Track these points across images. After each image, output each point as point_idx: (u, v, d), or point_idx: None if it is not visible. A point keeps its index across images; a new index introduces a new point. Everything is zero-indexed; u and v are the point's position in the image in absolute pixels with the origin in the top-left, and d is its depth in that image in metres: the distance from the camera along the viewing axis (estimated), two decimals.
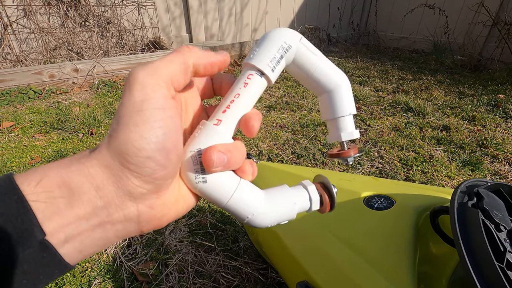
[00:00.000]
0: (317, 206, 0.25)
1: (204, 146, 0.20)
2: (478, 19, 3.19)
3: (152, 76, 0.18)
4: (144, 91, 0.17)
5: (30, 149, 1.52)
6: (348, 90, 0.25)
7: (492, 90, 2.33)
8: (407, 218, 0.50)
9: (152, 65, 0.18)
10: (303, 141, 1.61)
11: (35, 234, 0.15)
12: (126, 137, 0.17)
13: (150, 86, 0.18)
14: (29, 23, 2.42)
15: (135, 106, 0.17)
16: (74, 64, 2.29)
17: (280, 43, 0.22)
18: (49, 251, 0.15)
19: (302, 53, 0.23)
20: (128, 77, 0.18)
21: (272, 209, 0.23)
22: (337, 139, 0.26)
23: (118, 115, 0.18)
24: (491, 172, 1.35)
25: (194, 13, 3.17)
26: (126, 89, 0.18)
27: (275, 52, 0.22)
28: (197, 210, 1.14)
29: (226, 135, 0.21)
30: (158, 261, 0.93)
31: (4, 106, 1.98)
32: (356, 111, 0.26)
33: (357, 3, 4.44)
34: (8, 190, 0.15)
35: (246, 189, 0.22)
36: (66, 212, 0.16)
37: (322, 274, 0.48)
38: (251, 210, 0.22)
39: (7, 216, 0.14)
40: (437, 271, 0.46)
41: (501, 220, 0.39)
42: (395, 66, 3.13)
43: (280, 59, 0.22)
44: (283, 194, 0.24)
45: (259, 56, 0.22)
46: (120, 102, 0.18)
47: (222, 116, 0.22)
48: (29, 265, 0.15)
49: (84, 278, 0.88)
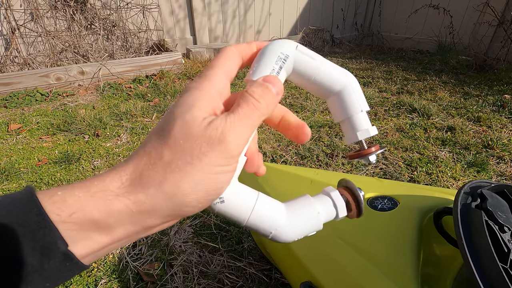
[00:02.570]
0: (344, 213, 0.24)
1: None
2: (483, 19, 3.17)
3: (242, 144, 0.18)
4: (231, 157, 0.18)
5: (37, 151, 1.54)
6: (355, 88, 0.25)
7: (498, 90, 2.30)
8: (411, 219, 0.50)
9: (241, 130, 0.18)
10: (307, 142, 1.61)
11: (58, 246, 0.15)
12: (193, 192, 0.17)
13: (237, 154, 0.18)
14: (36, 27, 2.46)
15: (215, 168, 0.18)
16: (80, 66, 2.32)
17: (277, 54, 0.22)
18: (71, 260, 0.16)
19: (300, 60, 0.23)
20: (222, 135, 0.17)
21: (296, 221, 0.23)
22: (354, 140, 0.25)
23: (192, 164, 0.17)
24: (496, 173, 1.34)
25: (198, 16, 3.19)
26: (213, 142, 0.17)
27: (273, 64, 0.22)
28: (201, 211, 1.15)
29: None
30: (163, 262, 0.94)
31: (12, 108, 2.01)
32: (369, 107, 0.25)
33: (361, 4, 4.43)
34: (28, 203, 0.16)
35: (265, 203, 0.22)
36: (94, 239, 0.17)
37: (325, 275, 0.49)
38: (273, 224, 0.22)
39: (29, 229, 0.15)
40: (441, 272, 0.46)
41: (505, 221, 0.39)
42: (399, 66, 3.12)
43: (279, 70, 0.22)
44: (305, 205, 0.24)
45: (258, 71, 0.22)
46: (195, 140, 0.17)
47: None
48: (52, 273, 0.16)
49: (91, 278, 0.89)
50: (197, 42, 3.32)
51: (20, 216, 0.15)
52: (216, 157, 0.17)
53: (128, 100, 2.17)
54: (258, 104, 0.19)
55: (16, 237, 0.15)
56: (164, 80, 2.51)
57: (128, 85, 2.41)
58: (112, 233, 0.17)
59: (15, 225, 0.15)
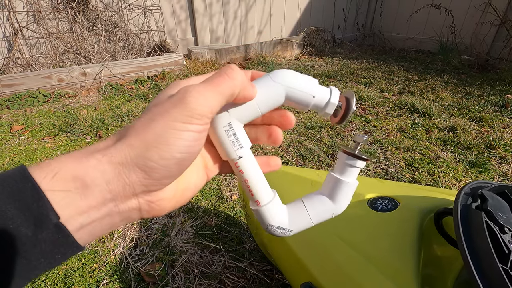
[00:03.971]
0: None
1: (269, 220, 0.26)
2: (485, 18, 3.16)
3: (204, 105, 0.19)
4: (191, 116, 0.19)
5: (40, 152, 1.55)
6: (294, 86, 0.24)
7: (500, 90, 2.29)
8: (412, 220, 0.50)
9: (207, 93, 0.19)
10: (308, 143, 1.61)
11: (50, 218, 0.16)
12: (154, 145, 0.18)
13: (198, 114, 0.19)
14: (38, 28, 2.48)
15: (176, 124, 0.19)
16: (82, 68, 2.33)
17: (225, 128, 0.24)
18: (63, 233, 0.17)
19: (240, 112, 0.24)
20: (184, 94, 0.19)
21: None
22: (329, 115, 0.26)
23: (156, 121, 0.19)
24: (499, 174, 1.34)
25: (200, 16, 3.20)
26: (176, 105, 0.19)
27: (228, 141, 0.24)
28: (202, 212, 1.15)
29: (274, 202, 0.26)
30: (165, 262, 0.94)
31: (14, 109, 2.02)
32: (317, 88, 0.25)
33: (362, 4, 4.42)
34: (22, 179, 0.16)
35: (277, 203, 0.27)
36: (80, 202, 0.17)
37: (326, 275, 0.49)
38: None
39: (24, 202, 0.16)
40: (442, 273, 0.45)
41: (506, 222, 0.39)
42: (401, 66, 3.11)
43: (234, 138, 0.24)
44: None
45: (225, 152, 0.24)
46: (162, 106, 0.19)
47: (255, 197, 0.25)
48: (46, 245, 0.16)
49: (92, 279, 0.89)
50: (199, 43, 3.33)
51: (16, 192, 0.16)
52: (176, 113, 0.19)
53: (129, 101, 2.18)
54: (231, 74, 0.21)
55: (12, 210, 0.15)
56: (165, 81, 2.52)
57: (130, 86, 2.42)
58: (89, 196, 0.18)
59: (11, 200, 0.16)
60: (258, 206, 0.26)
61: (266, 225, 0.26)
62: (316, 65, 3.19)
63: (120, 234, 1.06)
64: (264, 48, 3.46)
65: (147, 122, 0.19)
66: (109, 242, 1.02)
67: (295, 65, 3.17)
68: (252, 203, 0.26)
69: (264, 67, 2.98)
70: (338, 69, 2.96)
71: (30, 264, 0.16)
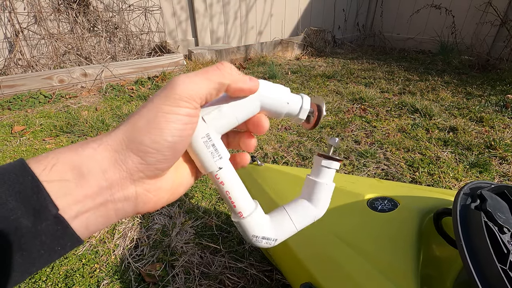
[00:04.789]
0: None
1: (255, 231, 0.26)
2: (486, 18, 3.15)
3: (191, 89, 0.20)
4: (179, 99, 0.20)
5: (41, 152, 1.55)
6: (267, 96, 0.25)
7: (500, 90, 2.29)
8: (411, 220, 0.50)
9: (195, 78, 0.21)
10: (308, 143, 1.61)
11: (49, 209, 0.17)
12: (146, 129, 0.19)
13: (186, 97, 0.20)
14: (39, 29, 2.49)
15: (164, 107, 0.20)
16: (83, 68, 2.34)
17: (203, 140, 0.24)
18: (62, 224, 0.17)
19: (216, 122, 0.24)
20: (172, 81, 0.20)
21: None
22: (302, 120, 0.27)
23: (148, 107, 0.20)
24: (499, 174, 1.33)
25: (200, 17, 3.21)
26: (165, 91, 0.20)
27: (207, 152, 0.23)
28: (203, 212, 1.15)
29: (258, 211, 0.26)
30: (165, 263, 0.94)
31: (15, 110, 2.03)
32: (288, 95, 0.26)
33: (363, 4, 4.43)
34: (22, 172, 0.17)
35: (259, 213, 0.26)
36: (76, 191, 0.18)
37: (325, 276, 0.49)
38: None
39: (24, 194, 0.16)
40: (441, 274, 0.46)
41: (505, 222, 0.39)
42: (401, 67, 3.11)
43: (213, 149, 0.24)
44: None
45: (204, 164, 0.24)
46: (155, 95, 0.20)
47: (237, 209, 0.25)
48: (46, 237, 0.17)
49: (93, 279, 0.89)
50: (199, 44, 3.34)
51: (16, 184, 0.16)
52: (166, 97, 0.20)
53: (130, 102, 2.18)
54: (220, 66, 0.22)
55: (12, 202, 0.16)
56: (166, 81, 2.52)
57: (131, 87, 2.43)
58: (85, 185, 0.18)
59: (11, 192, 0.16)
60: (241, 218, 0.25)
61: (251, 237, 0.26)
62: (317, 65, 3.20)
63: (121, 235, 1.06)
64: (264, 48, 3.46)
65: (139, 110, 0.20)
66: (110, 243, 1.03)
67: (295, 66, 3.18)
68: (235, 215, 0.26)
69: (264, 67, 2.99)
70: (339, 70, 2.96)
71: (30, 256, 0.16)
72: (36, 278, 0.89)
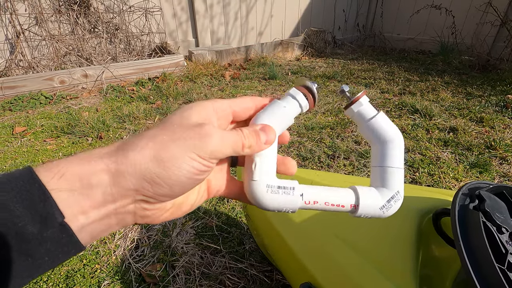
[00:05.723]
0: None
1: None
2: (486, 19, 3.16)
3: (219, 150, 0.22)
4: (208, 154, 0.21)
5: (42, 153, 1.56)
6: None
7: (501, 90, 2.29)
8: (410, 220, 0.50)
9: (225, 142, 0.22)
10: (309, 143, 1.61)
11: (55, 217, 0.17)
12: (166, 165, 0.20)
13: (215, 155, 0.21)
14: (40, 31, 2.49)
15: (192, 154, 0.20)
16: (84, 70, 2.35)
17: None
18: (67, 232, 0.18)
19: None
20: (208, 132, 0.21)
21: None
22: (305, 108, 0.28)
23: (175, 143, 0.20)
24: (499, 174, 1.34)
25: (201, 18, 3.21)
26: (198, 138, 0.21)
27: (282, 198, 0.26)
28: (203, 212, 1.15)
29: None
30: (165, 263, 0.95)
31: (16, 111, 2.03)
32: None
33: (363, 5, 4.43)
34: (29, 179, 0.17)
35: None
36: (82, 202, 0.18)
37: (325, 276, 0.49)
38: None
39: (31, 202, 0.17)
40: (440, 274, 0.46)
41: (503, 222, 0.39)
42: (402, 67, 3.11)
43: (281, 190, 0.26)
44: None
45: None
46: (185, 130, 0.21)
47: (346, 208, 0.27)
48: (51, 244, 0.17)
49: (94, 279, 0.90)
50: (199, 44, 3.34)
51: (23, 192, 0.17)
52: (195, 144, 0.20)
53: (131, 103, 2.19)
54: (244, 140, 0.23)
55: (20, 209, 0.16)
56: (166, 82, 2.53)
57: (131, 88, 2.43)
58: (92, 197, 0.19)
59: (19, 199, 0.16)
60: (357, 210, 0.26)
61: (384, 210, 0.28)
62: (317, 66, 3.20)
63: (122, 235, 1.06)
64: (264, 49, 3.47)
65: (166, 140, 0.20)
66: (111, 243, 1.03)
67: (295, 66, 3.18)
68: (351, 213, 0.27)
69: (264, 68, 2.99)
70: (339, 70, 2.96)
71: (34, 262, 0.17)
72: (37, 279, 0.89)
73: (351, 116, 0.30)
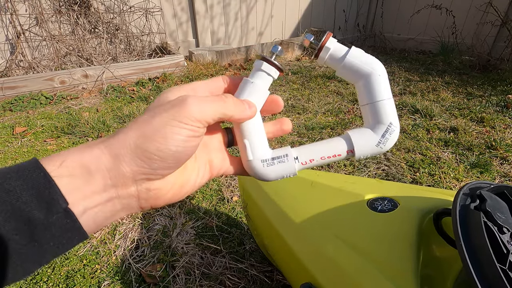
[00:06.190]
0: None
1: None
2: (486, 19, 3.15)
3: (200, 113, 0.22)
4: (188, 119, 0.21)
5: (42, 154, 1.56)
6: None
7: (501, 90, 2.29)
8: (411, 220, 0.50)
9: (204, 104, 0.22)
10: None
11: (60, 203, 0.18)
12: (153, 138, 0.21)
13: (195, 118, 0.22)
14: (41, 31, 2.50)
15: (173, 122, 0.21)
16: (84, 70, 2.35)
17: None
18: (71, 218, 0.19)
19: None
20: (184, 99, 0.22)
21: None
22: (274, 76, 0.28)
23: (157, 118, 0.21)
24: (500, 174, 1.33)
25: (201, 18, 3.21)
26: (176, 108, 0.21)
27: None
28: (203, 213, 1.15)
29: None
30: (166, 263, 0.95)
31: (17, 111, 2.04)
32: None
33: (363, 5, 4.43)
34: (35, 169, 0.18)
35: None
36: (84, 188, 0.19)
37: (325, 276, 0.49)
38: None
39: (37, 189, 0.18)
40: (441, 274, 0.46)
41: (504, 222, 0.39)
42: (402, 67, 3.11)
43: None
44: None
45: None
46: (164, 106, 0.22)
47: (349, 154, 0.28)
48: (55, 229, 0.18)
49: (94, 280, 0.90)
50: (200, 45, 3.34)
51: (30, 180, 0.18)
52: (175, 112, 0.21)
53: (131, 103, 2.19)
54: (226, 100, 0.24)
55: (26, 196, 0.17)
56: (166, 82, 2.53)
57: (131, 88, 2.43)
58: (92, 182, 0.20)
59: (26, 187, 0.18)
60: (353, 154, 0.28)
61: (378, 146, 0.28)
62: (317, 66, 3.20)
63: (122, 235, 1.06)
64: (265, 49, 3.47)
65: (148, 118, 0.21)
66: (111, 243, 1.03)
67: (296, 66, 3.18)
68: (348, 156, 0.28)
69: None
70: None
71: (41, 247, 0.18)
72: (37, 279, 0.89)
73: (324, 63, 0.28)
